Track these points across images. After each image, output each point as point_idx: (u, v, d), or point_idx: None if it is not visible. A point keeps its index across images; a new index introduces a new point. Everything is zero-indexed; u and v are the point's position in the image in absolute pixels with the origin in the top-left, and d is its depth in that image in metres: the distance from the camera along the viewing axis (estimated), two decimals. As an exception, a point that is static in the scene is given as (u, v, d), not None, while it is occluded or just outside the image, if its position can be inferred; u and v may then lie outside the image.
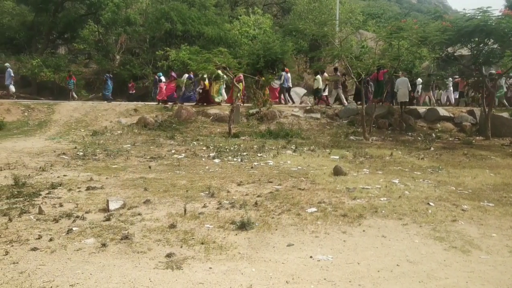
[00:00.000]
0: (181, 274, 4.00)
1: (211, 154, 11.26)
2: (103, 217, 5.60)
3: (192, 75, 19.56)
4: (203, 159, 10.73)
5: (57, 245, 4.64)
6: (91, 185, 7.43)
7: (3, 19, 28.00)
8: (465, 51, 17.78)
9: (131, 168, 9.33)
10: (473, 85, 20.78)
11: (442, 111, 18.26)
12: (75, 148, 12.01)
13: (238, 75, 17.77)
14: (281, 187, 7.57)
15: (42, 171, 8.71)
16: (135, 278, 3.88)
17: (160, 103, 19.35)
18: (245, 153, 11.45)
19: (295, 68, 29.23)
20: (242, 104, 18.41)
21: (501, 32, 14.48)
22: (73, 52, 31.44)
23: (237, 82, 18.48)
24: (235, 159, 10.63)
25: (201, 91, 19.47)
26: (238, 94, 16.91)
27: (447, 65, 21.35)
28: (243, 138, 14.83)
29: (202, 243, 4.77)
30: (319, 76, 18.88)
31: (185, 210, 5.89)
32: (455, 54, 17.62)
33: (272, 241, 4.94)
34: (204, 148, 12.44)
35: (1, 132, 14.57)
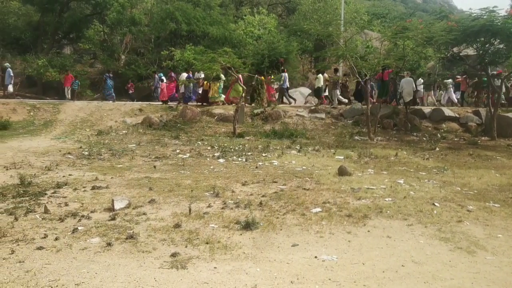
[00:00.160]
0: (186, 274, 4.00)
1: (215, 154, 11.27)
2: (108, 217, 5.62)
3: (191, 74, 19.55)
4: (207, 159, 10.75)
5: (62, 244, 4.66)
6: (96, 184, 7.46)
7: (9, 19, 28.18)
8: (470, 51, 17.71)
9: (136, 167, 9.36)
10: (475, 85, 20.70)
11: (448, 111, 18.17)
12: (81, 147, 12.05)
13: (238, 76, 17.88)
14: (285, 187, 7.56)
15: (48, 170, 8.75)
16: (140, 278, 3.89)
17: (164, 103, 19.40)
18: (249, 153, 11.46)
19: (300, 68, 29.21)
20: (243, 105, 18.42)
21: (507, 32, 14.44)
22: (79, 52, 31.60)
23: (236, 82, 18.60)
24: (239, 159, 10.64)
25: (200, 91, 19.52)
26: (243, 94, 16.91)
27: (453, 65, 21.24)
28: (247, 138, 14.84)
29: (207, 243, 4.78)
30: (320, 75, 18.87)
31: (190, 210, 5.90)
32: (461, 54, 17.54)
33: (276, 241, 4.94)
34: (208, 148, 12.46)
35: (7, 132, 14.65)
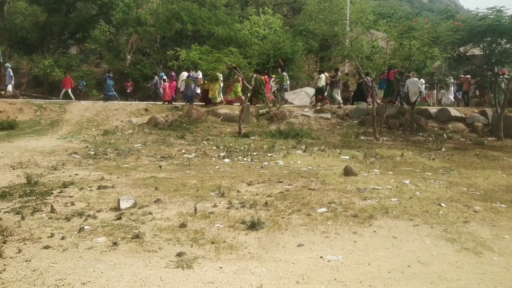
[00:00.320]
0: (191, 273, 4.01)
1: (221, 154, 11.28)
2: (114, 216, 5.64)
3: (192, 74, 19.55)
4: (213, 158, 10.76)
5: (69, 243, 4.68)
6: (102, 184, 7.49)
7: (16, 19, 28.39)
8: (477, 51, 17.61)
9: (142, 167, 9.39)
10: (477, 85, 20.57)
11: (454, 111, 18.08)
12: (87, 147, 12.11)
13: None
14: (291, 187, 7.56)
15: (54, 170, 8.80)
16: (146, 277, 3.90)
17: (171, 103, 19.43)
18: (255, 153, 11.45)
19: (306, 68, 29.17)
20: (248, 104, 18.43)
21: (514, 31, 14.35)
22: (85, 52, 31.75)
23: (235, 82, 18.65)
24: (245, 159, 10.64)
25: (198, 90, 19.56)
26: (248, 94, 16.91)
27: (459, 65, 21.11)
28: (253, 138, 14.84)
29: (213, 243, 4.78)
30: (322, 75, 18.84)
31: (195, 210, 5.91)
32: (467, 54, 17.45)
33: (282, 241, 4.94)
34: (214, 148, 12.47)
35: (14, 131, 14.75)
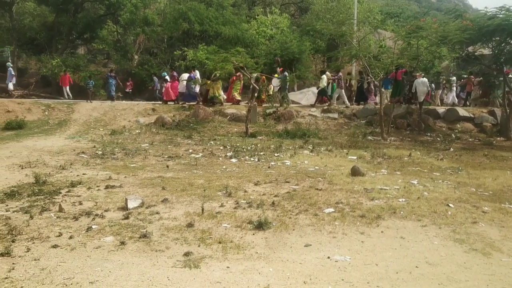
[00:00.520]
0: (198, 273, 4.02)
1: (228, 154, 11.29)
2: (121, 216, 5.67)
3: (193, 74, 19.54)
4: (220, 158, 10.77)
5: (77, 242, 4.71)
6: (110, 183, 7.53)
7: (24, 20, 28.59)
8: (486, 51, 17.48)
9: (149, 167, 9.42)
10: (480, 85, 20.40)
11: (462, 111, 17.96)
12: (94, 147, 12.16)
13: (238, 74, 18.04)
14: (298, 187, 7.55)
15: (62, 169, 8.85)
16: (153, 276, 3.92)
17: (175, 103, 19.45)
18: (262, 153, 11.45)
19: (313, 68, 29.09)
20: (255, 104, 18.42)
21: (523, 31, 14.25)
22: (92, 52, 31.94)
23: (235, 81, 18.66)
24: (252, 158, 10.64)
25: (197, 90, 19.58)
26: (255, 94, 16.89)
27: (468, 64, 20.97)
28: (260, 138, 14.82)
29: (220, 243, 4.79)
30: (324, 76, 18.79)
31: (202, 209, 5.92)
32: (476, 53, 17.33)
33: (289, 241, 4.93)
34: (221, 148, 12.48)
35: (22, 131, 14.85)
